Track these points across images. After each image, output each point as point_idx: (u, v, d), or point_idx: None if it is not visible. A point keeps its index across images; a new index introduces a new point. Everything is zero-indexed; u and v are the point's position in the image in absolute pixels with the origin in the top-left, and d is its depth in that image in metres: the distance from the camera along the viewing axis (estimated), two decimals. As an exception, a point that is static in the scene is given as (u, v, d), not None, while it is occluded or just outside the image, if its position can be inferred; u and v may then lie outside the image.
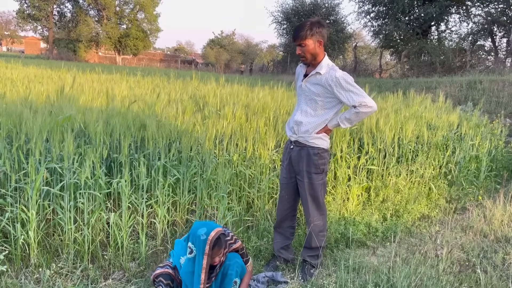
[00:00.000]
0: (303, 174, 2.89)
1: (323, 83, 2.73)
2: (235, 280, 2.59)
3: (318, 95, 2.77)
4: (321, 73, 2.73)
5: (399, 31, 22.41)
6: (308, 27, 2.69)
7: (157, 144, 3.75)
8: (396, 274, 2.82)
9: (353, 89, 2.70)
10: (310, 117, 2.83)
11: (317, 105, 2.80)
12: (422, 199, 4.46)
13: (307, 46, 2.71)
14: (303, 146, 2.86)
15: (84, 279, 2.99)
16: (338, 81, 2.68)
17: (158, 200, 3.51)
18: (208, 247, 2.40)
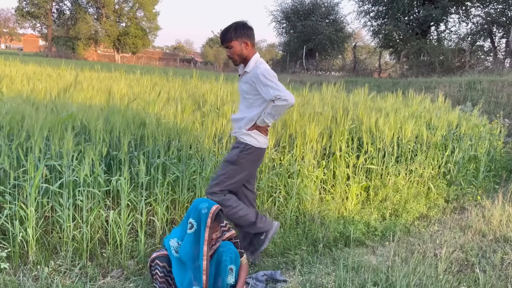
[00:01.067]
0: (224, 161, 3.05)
1: (250, 81, 2.82)
2: (231, 267, 2.63)
3: (248, 93, 2.87)
4: (248, 72, 2.84)
5: (399, 31, 22.43)
6: (233, 30, 2.80)
7: (157, 142, 3.75)
8: (395, 274, 2.81)
9: (270, 84, 2.75)
10: (244, 115, 2.93)
11: (248, 103, 2.90)
12: (421, 199, 4.46)
13: (234, 48, 2.81)
14: (238, 141, 2.98)
15: (82, 276, 2.98)
16: (258, 77, 2.75)
17: (157, 198, 3.51)
18: (210, 220, 2.49)
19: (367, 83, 9.63)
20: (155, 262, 2.62)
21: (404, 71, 20.90)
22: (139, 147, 3.90)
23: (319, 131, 4.22)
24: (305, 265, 3.18)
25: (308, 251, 3.40)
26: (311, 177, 4.09)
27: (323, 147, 4.38)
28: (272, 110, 2.80)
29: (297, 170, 4.00)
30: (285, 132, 4.42)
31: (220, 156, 3.93)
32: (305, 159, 4.15)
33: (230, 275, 2.64)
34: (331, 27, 31.69)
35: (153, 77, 10.48)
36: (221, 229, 2.74)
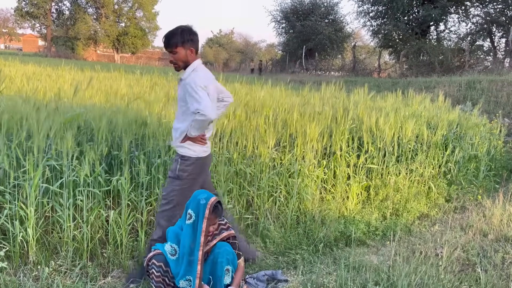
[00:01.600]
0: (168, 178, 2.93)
1: (185, 88, 2.71)
2: (227, 268, 2.62)
3: (182, 100, 2.77)
4: (183, 79, 2.76)
5: (398, 30, 22.43)
6: (179, 35, 2.68)
7: (158, 141, 3.74)
8: (397, 273, 2.81)
9: (195, 95, 2.60)
10: (178, 123, 2.84)
11: (182, 110, 2.80)
12: (422, 198, 4.46)
13: (179, 54, 2.71)
14: (176, 153, 2.89)
15: (83, 276, 2.98)
16: (189, 86, 2.63)
17: (158, 197, 3.50)
18: (208, 211, 2.50)
19: (367, 83, 9.64)
20: (151, 262, 2.61)
21: (403, 71, 20.89)
22: (140, 147, 3.89)
23: (319, 131, 4.21)
24: (306, 265, 3.18)
25: (309, 250, 3.39)
26: (312, 176, 4.09)
27: (323, 147, 4.38)
28: (193, 123, 2.68)
29: (298, 169, 4.00)
30: (285, 131, 4.42)
31: (221, 156, 3.92)
32: (305, 159, 4.15)
33: (227, 275, 2.63)
34: (331, 27, 31.68)
35: (152, 77, 10.48)
36: (220, 226, 2.73)
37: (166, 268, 2.58)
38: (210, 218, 2.54)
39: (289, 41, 33.95)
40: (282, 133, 4.37)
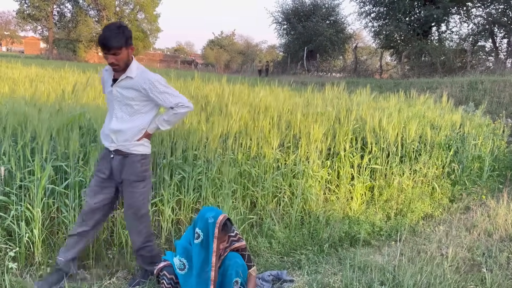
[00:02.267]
0: (125, 183, 2.73)
1: (137, 87, 2.60)
2: (236, 280, 2.57)
3: (133, 100, 2.63)
4: (132, 77, 2.60)
5: (400, 31, 22.39)
6: (122, 34, 2.51)
7: (163, 142, 3.75)
8: (402, 273, 2.81)
9: (168, 91, 2.63)
10: (128, 123, 2.67)
11: (132, 110, 2.66)
12: (426, 199, 4.46)
13: (122, 55, 2.53)
14: (125, 154, 2.69)
15: (88, 277, 2.99)
16: (153, 84, 2.59)
17: (163, 198, 3.51)
18: (218, 230, 2.43)
19: (369, 84, 9.63)
20: (163, 273, 2.59)
21: (405, 71, 20.88)
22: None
23: (323, 131, 4.22)
24: (311, 265, 3.18)
25: (314, 251, 3.40)
26: (316, 177, 4.09)
27: (327, 147, 4.38)
28: (171, 117, 2.69)
29: (302, 170, 4.00)
30: (289, 132, 4.42)
31: (225, 157, 3.92)
32: (309, 159, 4.15)
33: (236, 286, 2.60)
34: (332, 28, 31.69)
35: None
36: (230, 238, 2.65)
37: (177, 280, 2.56)
38: (220, 237, 2.47)
39: (290, 43, 33.96)
40: (286, 134, 4.38)
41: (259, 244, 3.41)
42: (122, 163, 2.70)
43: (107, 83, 2.73)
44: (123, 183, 2.73)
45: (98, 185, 2.78)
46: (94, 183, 2.80)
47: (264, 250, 3.36)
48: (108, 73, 2.72)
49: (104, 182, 2.76)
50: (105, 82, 2.76)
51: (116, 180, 2.75)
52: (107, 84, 2.73)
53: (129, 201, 2.76)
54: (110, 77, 2.69)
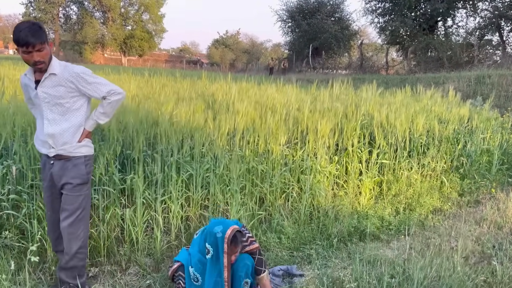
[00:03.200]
0: (66, 186, 2.57)
1: (64, 83, 2.47)
2: (246, 281, 2.58)
3: (62, 98, 2.48)
4: (56, 73, 2.45)
5: (406, 27, 22.28)
6: (41, 30, 2.33)
7: (170, 140, 3.77)
8: (412, 266, 2.81)
9: (97, 80, 2.53)
10: (62, 124, 2.52)
11: (64, 109, 2.51)
12: (435, 193, 4.44)
13: (46, 50, 2.37)
14: (67, 158, 2.55)
15: (100, 273, 3.02)
16: (80, 76, 2.48)
17: (172, 195, 3.53)
18: (226, 246, 2.40)
19: (375, 80, 9.60)
20: (178, 274, 2.61)
21: (411, 67, 20.77)
22: (152, 146, 3.93)
23: (330, 127, 4.22)
24: (321, 259, 3.19)
25: (323, 245, 3.40)
26: (324, 172, 4.09)
27: (335, 143, 4.38)
28: (107, 107, 2.57)
29: (310, 166, 4.00)
30: (296, 128, 4.43)
31: (233, 153, 3.94)
32: (317, 155, 4.16)
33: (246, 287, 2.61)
34: (337, 25, 31.58)
35: (161, 78, 10.54)
36: (242, 244, 2.60)
37: None
38: (230, 251, 2.44)
39: (295, 40, 33.91)
40: (294, 130, 4.38)
41: (269, 240, 3.42)
42: (64, 167, 2.55)
43: (28, 87, 2.55)
44: (65, 187, 2.57)
45: (47, 195, 2.66)
46: (45, 195, 2.68)
47: (273, 245, 3.38)
48: (27, 78, 2.53)
49: (50, 191, 2.64)
50: (27, 87, 2.57)
51: (57, 185, 2.59)
52: (29, 89, 2.55)
53: (72, 206, 2.57)
54: (31, 81, 2.50)
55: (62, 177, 2.56)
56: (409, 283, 2.64)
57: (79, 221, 2.62)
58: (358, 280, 2.70)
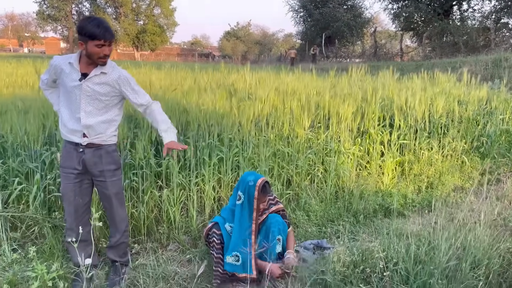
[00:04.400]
0: (105, 173, 2.71)
1: (111, 83, 2.61)
2: (278, 237, 2.82)
3: (105, 95, 2.62)
4: (106, 73, 2.58)
5: (420, 12, 22.06)
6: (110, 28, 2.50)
7: (200, 126, 3.97)
8: (437, 238, 2.96)
9: (139, 89, 2.71)
10: (99, 117, 2.64)
11: (102, 105, 2.64)
12: (456, 172, 4.56)
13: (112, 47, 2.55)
14: (99, 146, 2.68)
15: (143, 250, 3.25)
16: (128, 80, 2.65)
17: (204, 178, 3.74)
18: (257, 192, 2.69)
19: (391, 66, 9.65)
20: (212, 231, 2.82)
21: (427, 53, 20.59)
22: (183, 132, 4.14)
23: (352, 111, 4.37)
24: (349, 234, 3.36)
25: (350, 222, 3.58)
26: (348, 154, 4.25)
27: (357, 126, 4.53)
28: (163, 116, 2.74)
29: (334, 148, 4.17)
30: (319, 113, 4.58)
31: (260, 137, 4.12)
32: (340, 137, 4.32)
33: (278, 244, 2.83)
34: (349, 13, 31.38)
35: (179, 71, 10.76)
36: (269, 202, 2.91)
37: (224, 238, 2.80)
38: (260, 198, 2.73)
39: (307, 30, 33.80)
40: (317, 114, 4.54)
41: (298, 217, 3.61)
42: (97, 154, 2.68)
43: (65, 74, 2.58)
44: (102, 174, 2.71)
45: (74, 182, 2.70)
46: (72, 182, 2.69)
47: (303, 222, 3.56)
48: (68, 65, 2.57)
49: (78, 178, 2.70)
50: (62, 73, 2.59)
51: (92, 173, 2.70)
52: (64, 75, 2.59)
53: (113, 190, 2.75)
54: (76, 71, 2.56)
55: (97, 164, 2.67)
56: (435, 252, 2.79)
57: (122, 203, 2.85)
58: (386, 250, 2.86)
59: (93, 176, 2.73)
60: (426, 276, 2.57)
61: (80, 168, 2.67)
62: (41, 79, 2.79)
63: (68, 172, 2.69)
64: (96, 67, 2.56)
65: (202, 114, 4.15)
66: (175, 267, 3.00)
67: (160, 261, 3.06)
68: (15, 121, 3.59)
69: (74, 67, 2.55)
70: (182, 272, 2.93)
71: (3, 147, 3.68)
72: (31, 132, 3.50)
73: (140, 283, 2.78)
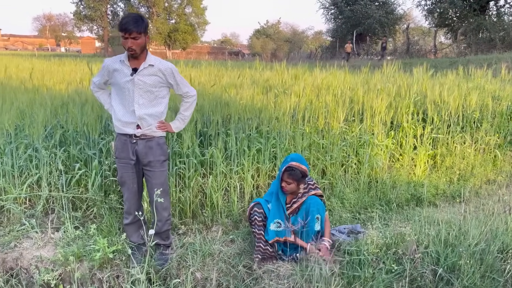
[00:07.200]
0: (154, 164, 2.93)
1: (158, 74, 2.83)
2: (317, 216, 3.03)
3: (154, 86, 2.85)
4: (153, 65, 2.81)
5: (455, 8, 21.63)
6: (141, 22, 2.69)
7: (240, 118, 4.25)
8: (468, 224, 3.11)
9: (181, 79, 2.95)
10: (150, 109, 2.88)
11: (153, 96, 2.87)
12: (488, 165, 4.65)
13: (140, 39, 2.70)
14: (150, 137, 2.91)
15: (189, 231, 3.55)
16: (172, 70, 2.87)
17: (244, 167, 4.01)
18: (284, 169, 2.95)
19: (425, 62, 9.64)
20: (253, 210, 3.08)
21: (461, 49, 20.18)
22: (224, 124, 4.42)
23: (385, 104, 4.53)
24: (382, 221, 3.54)
25: (383, 209, 3.76)
26: (381, 146, 4.42)
27: (390, 120, 4.69)
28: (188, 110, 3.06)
29: (368, 140, 4.35)
30: (353, 107, 4.77)
31: (296, 129, 4.35)
32: (374, 130, 4.49)
33: (317, 223, 3.05)
34: (381, 10, 31.00)
35: (214, 68, 11.10)
36: (309, 186, 3.13)
37: (265, 215, 3.05)
38: (284, 175, 2.98)
39: (338, 27, 33.63)
40: (351, 108, 4.73)
41: (333, 204, 3.83)
42: (148, 146, 2.90)
43: (117, 72, 2.83)
44: (151, 164, 2.93)
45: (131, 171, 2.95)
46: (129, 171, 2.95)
47: (337, 209, 3.77)
48: (119, 63, 2.83)
49: (134, 168, 2.95)
50: (115, 72, 2.84)
51: (143, 162, 2.93)
52: (121, 73, 2.82)
53: (159, 180, 2.97)
54: (127, 67, 2.80)
55: (147, 154, 2.91)
56: (465, 237, 2.95)
57: (167, 192, 3.07)
58: (418, 235, 3.04)
59: (143, 166, 2.97)
60: (455, 257, 2.73)
61: (134, 158, 2.92)
62: (93, 82, 3.05)
63: (125, 163, 2.94)
64: (145, 61, 2.80)
65: (242, 107, 4.42)
66: (219, 246, 3.28)
67: (206, 240, 3.35)
68: (75, 113, 3.97)
69: (125, 64, 2.81)
70: (226, 250, 3.20)
71: (64, 136, 4.06)
72: (89, 123, 3.86)
73: (189, 258, 3.07)
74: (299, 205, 3.10)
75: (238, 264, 2.97)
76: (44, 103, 4.28)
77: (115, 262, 3.01)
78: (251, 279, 2.83)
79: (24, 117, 4.17)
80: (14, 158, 3.80)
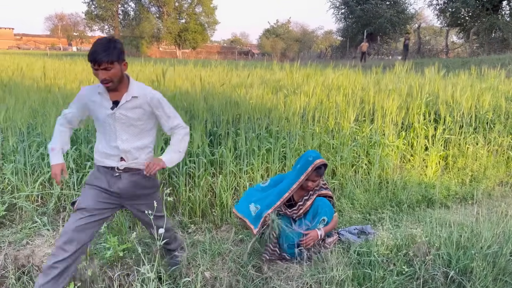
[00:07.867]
0: (144, 197, 2.63)
1: (143, 106, 2.47)
2: (324, 218, 3.01)
3: (139, 120, 2.49)
4: (137, 96, 2.44)
5: (467, 7, 21.39)
6: (112, 49, 2.28)
7: (250, 118, 4.24)
8: (480, 226, 3.07)
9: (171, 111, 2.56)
10: (136, 143, 2.51)
11: (138, 130, 2.52)
12: (501, 167, 4.58)
13: (113, 69, 2.30)
14: (136, 170, 2.55)
15: (198, 230, 3.56)
16: (160, 101, 2.50)
17: (254, 167, 4.01)
18: (311, 168, 2.89)
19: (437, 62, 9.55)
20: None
21: (474, 49, 19.94)
22: (233, 124, 4.42)
23: (397, 105, 4.49)
24: (392, 222, 3.52)
25: (393, 211, 3.73)
26: (392, 146, 4.39)
27: (401, 120, 4.65)
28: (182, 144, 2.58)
29: (378, 140, 4.32)
30: (364, 107, 4.74)
31: (306, 130, 4.34)
32: (385, 131, 4.46)
33: (321, 224, 3.03)
34: (392, 9, 30.78)
35: (224, 68, 11.12)
36: (320, 184, 3.10)
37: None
38: (312, 175, 2.94)
39: (348, 27, 33.48)
40: (362, 108, 4.69)
41: (343, 204, 3.80)
42: (133, 179, 2.55)
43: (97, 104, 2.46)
44: (140, 198, 2.63)
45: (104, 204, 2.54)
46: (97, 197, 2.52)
47: (347, 210, 3.75)
48: (98, 96, 2.45)
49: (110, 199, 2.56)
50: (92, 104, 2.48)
51: (126, 198, 2.59)
52: (101, 106, 2.45)
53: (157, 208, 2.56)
54: (107, 100, 2.44)
55: (135, 188, 2.57)
56: (477, 239, 2.91)
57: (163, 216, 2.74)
58: (429, 236, 3.01)
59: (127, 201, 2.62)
60: (467, 260, 2.70)
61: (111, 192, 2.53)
62: (64, 113, 2.62)
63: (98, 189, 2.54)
64: (127, 92, 2.44)
65: (251, 107, 4.42)
66: (229, 245, 3.28)
67: (216, 238, 3.35)
68: (86, 112, 4.00)
69: (104, 96, 2.44)
70: (235, 250, 3.20)
71: (76, 135, 4.10)
72: (100, 122, 3.89)
73: (199, 258, 3.08)
74: (306, 208, 3.07)
75: (247, 264, 2.97)
76: (56, 101, 4.33)
77: (126, 261, 3.03)
78: (260, 279, 2.83)
79: (37, 116, 4.23)
80: (27, 156, 3.85)
